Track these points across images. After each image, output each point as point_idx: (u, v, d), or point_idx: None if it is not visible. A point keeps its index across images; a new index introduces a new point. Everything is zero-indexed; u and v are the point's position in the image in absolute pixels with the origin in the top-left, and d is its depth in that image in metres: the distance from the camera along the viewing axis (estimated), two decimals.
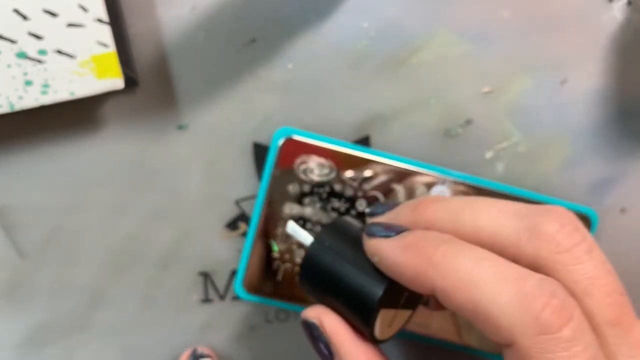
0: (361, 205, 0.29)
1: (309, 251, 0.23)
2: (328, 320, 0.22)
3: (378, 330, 0.22)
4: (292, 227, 0.25)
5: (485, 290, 0.18)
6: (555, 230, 0.19)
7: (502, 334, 0.18)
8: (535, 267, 0.19)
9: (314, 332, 0.23)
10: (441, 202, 0.22)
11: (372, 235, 0.22)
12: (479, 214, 0.21)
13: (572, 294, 0.19)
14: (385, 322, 0.22)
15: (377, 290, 0.21)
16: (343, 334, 0.22)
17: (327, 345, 0.23)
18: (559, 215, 0.20)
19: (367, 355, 0.22)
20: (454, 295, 0.19)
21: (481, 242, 0.20)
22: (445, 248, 0.20)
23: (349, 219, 0.24)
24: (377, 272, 0.22)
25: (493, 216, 0.20)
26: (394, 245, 0.21)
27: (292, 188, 0.29)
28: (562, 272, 0.19)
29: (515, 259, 0.19)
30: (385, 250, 0.21)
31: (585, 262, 0.19)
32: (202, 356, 0.29)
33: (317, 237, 0.24)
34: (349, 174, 0.29)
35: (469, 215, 0.21)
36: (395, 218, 0.23)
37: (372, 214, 0.24)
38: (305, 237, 0.24)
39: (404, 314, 0.23)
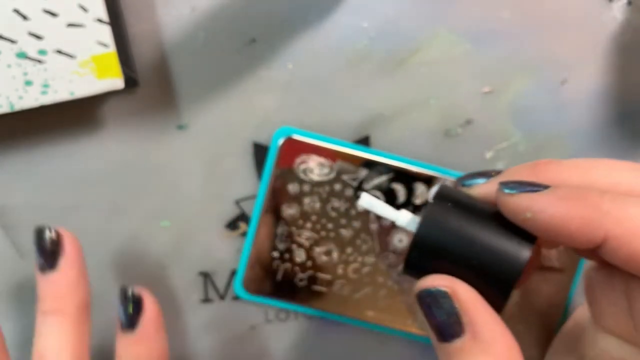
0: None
1: (427, 219, 0.20)
2: (463, 290, 0.20)
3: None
4: (368, 201, 0.22)
5: None
6: None
7: None
8: None
9: (443, 303, 0.20)
10: (561, 162, 0.20)
11: (516, 190, 0.20)
12: (612, 170, 0.20)
13: None
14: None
15: (523, 253, 0.20)
16: (481, 305, 0.20)
17: (458, 317, 0.20)
18: None
19: (503, 328, 0.20)
20: (630, 242, 0.18)
21: None
22: (611, 196, 0.18)
23: (449, 185, 0.22)
24: (516, 234, 0.20)
25: (628, 170, 0.20)
26: (550, 197, 0.19)
27: (292, 188, 0.29)
28: None
29: None
30: (541, 203, 0.19)
31: None
32: (134, 296, 0.26)
33: (433, 205, 0.21)
34: (349, 174, 0.29)
35: (602, 171, 0.20)
36: (512, 178, 0.21)
37: (468, 185, 0.22)
38: (388, 212, 0.22)
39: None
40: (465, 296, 0.20)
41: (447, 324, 0.20)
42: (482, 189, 0.21)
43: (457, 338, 0.20)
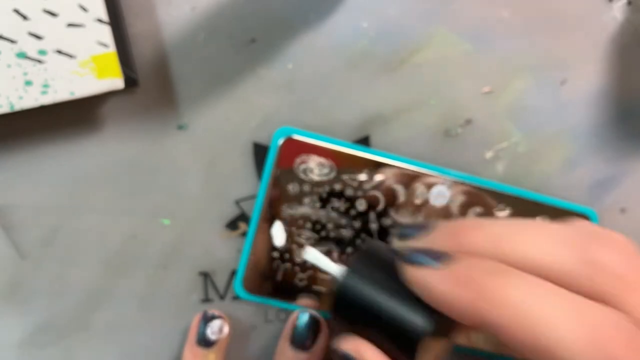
0: (361, 205, 0.29)
1: (344, 282, 0.22)
2: (369, 354, 0.21)
3: None
4: (314, 255, 0.24)
5: (546, 325, 0.17)
6: (616, 262, 0.18)
7: None
8: (593, 298, 0.18)
9: None
10: (482, 227, 0.20)
11: (413, 263, 0.20)
12: (524, 243, 0.19)
13: (637, 324, 0.18)
14: (428, 354, 0.21)
15: (422, 324, 0.20)
16: None
17: None
18: (615, 241, 0.19)
19: None
20: (510, 330, 0.18)
21: (530, 272, 0.19)
22: (501, 280, 0.18)
23: (379, 242, 0.23)
24: (420, 303, 0.20)
25: (541, 245, 0.19)
26: (441, 276, 0.19)
27: (292, 188, 0.29)
28: (625, 305, 0.18)
29: (570, 289, 0.18)
30: (432, 282, 0.19)
31: None
32: (214, 317, 0.29)
33: (350, 267, 0.22)
34: (349, 174, 0.29)
35: (515, 244, 0.19)
36: (432, 244, 0.21)
37: (403, 236, 0.22)
38: (330, 266, 0.23)
39: (442, 342, 0.22)
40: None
41: None
42: (410, 244, 0.22)
43: None
